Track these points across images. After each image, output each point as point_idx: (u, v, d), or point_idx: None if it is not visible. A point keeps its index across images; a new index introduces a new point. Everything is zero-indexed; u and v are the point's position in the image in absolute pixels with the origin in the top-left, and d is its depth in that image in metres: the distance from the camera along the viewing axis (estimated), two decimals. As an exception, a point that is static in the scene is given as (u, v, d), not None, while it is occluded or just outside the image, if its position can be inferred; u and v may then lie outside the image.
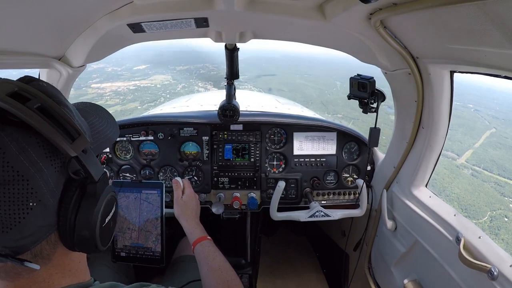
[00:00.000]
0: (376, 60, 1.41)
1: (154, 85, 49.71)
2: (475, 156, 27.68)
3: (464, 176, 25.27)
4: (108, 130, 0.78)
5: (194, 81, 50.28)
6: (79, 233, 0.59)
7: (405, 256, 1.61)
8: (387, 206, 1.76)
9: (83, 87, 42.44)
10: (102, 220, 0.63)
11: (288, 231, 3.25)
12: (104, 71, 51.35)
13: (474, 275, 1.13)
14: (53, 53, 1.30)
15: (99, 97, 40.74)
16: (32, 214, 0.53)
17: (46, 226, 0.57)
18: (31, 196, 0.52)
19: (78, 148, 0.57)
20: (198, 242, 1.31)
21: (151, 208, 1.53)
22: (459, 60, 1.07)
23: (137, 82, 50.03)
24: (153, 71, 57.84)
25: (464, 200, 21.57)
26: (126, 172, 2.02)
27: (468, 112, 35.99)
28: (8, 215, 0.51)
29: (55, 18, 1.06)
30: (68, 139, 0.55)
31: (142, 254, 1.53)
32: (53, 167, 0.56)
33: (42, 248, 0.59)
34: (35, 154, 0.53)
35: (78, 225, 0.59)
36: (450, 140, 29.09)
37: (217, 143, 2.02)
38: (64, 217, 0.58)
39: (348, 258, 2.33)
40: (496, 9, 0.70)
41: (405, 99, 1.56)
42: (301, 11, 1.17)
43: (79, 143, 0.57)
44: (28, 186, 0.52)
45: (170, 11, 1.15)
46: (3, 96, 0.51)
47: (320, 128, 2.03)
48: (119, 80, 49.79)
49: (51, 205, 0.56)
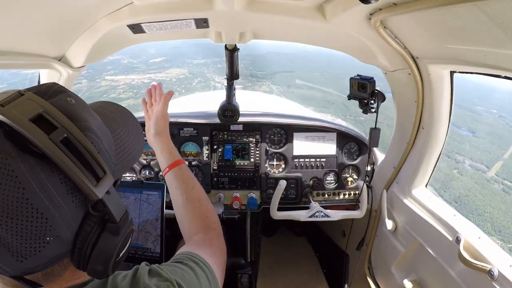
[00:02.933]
0: (376, 60, 1.41)
1: (170, 79, 48.07)
2: (505, 169, 24.72)
3: (496, 192, 22.39)
4: (135, 146, 0.71)
5: (210, 76, 48.52)
6: (93, 266, 0.57)
7: (405, 257, 1.61)
8: (387, 206, 1.76)
9: (97, 79, 41.18)
10: (117, 255, 0.61)
11: (288, 231, 3.25)
12: (119, 63, 49.65)
13: (474, 275, 1.13)
14: (53, 53, 1.30)
15: (112, 90, 39.80)
16: (48, 247, 0.51)
17: (60, 255, 0.55)
18: (49, 233, 0.50)
19: (102, 190, 0.53)
20: (176, 165, 1.12)
21: (151, 209, 1.53)
22: (459, 60, 1.07)
23: (152, 75, 48.41)
24: (169, 64, 56.24)
25: (498, 221, 18.96)
26: (126, 172, 2.02)
27: (493, 118, 33.26)
28: (24, 247, 0.49)
29: (55, 19, 1.06)
30: (93, 180, 0.52)
31: (141, 255, 1.53)
32: (74, 204, 0.53)
33: (54, 269, 0.57)
34: (56, 192, 0.50)
35: (93, 259, 0.57)
36: (479, 149, 27.09)
37: (217, 143, 2.02)
38: (79, 248, 0.56)
39: (348, 258, 2.33)
40: (496, 9, 0.70)
41: (405, 99, 1.56)
42: (301, 12, 1.17)
43: (104, 183, 0.54)
44: (47, 224, 0.50)
45: (170, 12, 1.15)
46: (25, 122, 0.47)
47: (320, 129, 2.03)
48: (133, 72, 48.48)
49: (68, 238, 0.54)
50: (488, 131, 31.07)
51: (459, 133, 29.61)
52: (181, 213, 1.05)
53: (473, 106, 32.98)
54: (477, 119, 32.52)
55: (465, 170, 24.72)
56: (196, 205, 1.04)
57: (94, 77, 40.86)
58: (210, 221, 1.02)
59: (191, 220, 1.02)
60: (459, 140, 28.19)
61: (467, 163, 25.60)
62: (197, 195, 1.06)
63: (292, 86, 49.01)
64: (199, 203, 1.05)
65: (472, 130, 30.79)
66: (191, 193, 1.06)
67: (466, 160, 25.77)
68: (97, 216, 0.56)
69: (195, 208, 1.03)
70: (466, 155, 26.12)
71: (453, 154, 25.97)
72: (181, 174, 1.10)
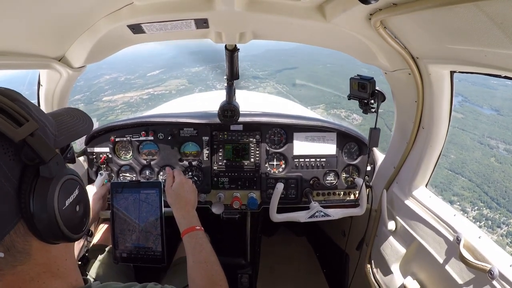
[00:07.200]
0: (376, 60, 1.41)
1: (169, 91, 47.25)
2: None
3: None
4: (78, 125, 0.81)
5: (211, 83, 47.44)
6: (39, 218, 0.60)
7: (405, 256, 1.61)
8: (387, 206, 1.76)
9: (95, 102, 40.66)
10: (60, 203, 0.64)
11: (288, 231, 3.25)
12: (117, 81, 49.28)
13: (474, 275, 1.13)
14: (53, 54, 1.30)
15: (110, 111, 38.95)
16: None
17: (8, 214, 0.58)
18: None
19: (24, 132, 0.58)
20: (186, 232, 1.30)
21: (150, 208, 1.53)
22: (459, 60, 1.07)
23: (150, 90, 47.90)
24: (167, 75, 55.81)
25: None
26: (126, 172, 2.02)
27: (511, 91, 31.30)
28: None
29: (55, 19, 1.06)
30: (14, 125, 0.57)
31: (143, 255, 1.54)
32: (7, 156, 0.57)
33: (13, 240, 0.59)
34: None
35: (36, 210, 0.60)
36: (509, 130, 25.19)
37: (217, 143, 2.02)
38: (24, 204, 0.59)
39: (348, 258, 2.33)
40: (496, 9, 0.70)
41: (405, 99, 1.56)
42: (301, 12, 1.17)
43: (26, 127, 0.59)
44: None
45: (170, 12, 1.15)
46: None
47: (320, 129, 2.03)
48: (131, 89, 47.81)
49: (10, 193, 0.57)
50: (510, 106, 29.02)
51: (483, 113, 27.69)
52: (190, 272, 1.19)
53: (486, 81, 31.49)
54: (496, 95, 30.50)
55: (503, 157, 22.83)
56: (203, 266, 1.19)
57: (91, 99, 40.42)
58: (216, 279, 1.15)
59: (198, 278, 1.15)
60: (485, 121, 26.23)
61: (502, 148, 23.79)
62: (204, 258, 1.21)
63: (298, 84, 48.16)
64: (205, 264, 1.19)
65: (495, 108, 28.82)
66: (198, 256, 1.22)
67: (500, 144, 23.96)
68: (33, 167, 0.61)
69: (202, 268, 1.18)
70: (498, 138, 24.26)
71: (485, 139, 24.18)
72: (190, 241, 1.28)
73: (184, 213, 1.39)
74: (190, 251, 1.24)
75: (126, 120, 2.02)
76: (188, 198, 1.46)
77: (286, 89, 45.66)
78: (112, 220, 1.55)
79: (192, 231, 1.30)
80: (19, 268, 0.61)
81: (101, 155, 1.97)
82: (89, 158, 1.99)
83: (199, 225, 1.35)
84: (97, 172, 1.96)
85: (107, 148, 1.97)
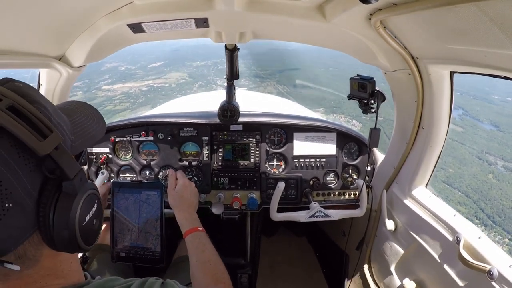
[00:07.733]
0: (376, 60, 1.41)
1: (169, 85, 46.52)
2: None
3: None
4: (93, 128, 0.77)
5: (212, 78, 47.18)
6: (59, 233, 0.59)
7: (405, 257, 1.61)
8: (387, 206, 1.76)
9: (93, 90, 40.24)
10: (81, 219, 0.63)
11: (288, 231, 3.25)
12: (117, 70, 48.59)
13: (473, 276, 1.13)
14: (53, 53, 1.30)
15: (109, 101, 38.75)
16: (9, 216, 0.52)
17: (25, 227, 0.57)
18: (6, 198, 0.52)
19: (49, 146, 0.56)
20: (189, 233, 1.31)
21: (151, 209, 1.53)
22: (459, 61, 1.07)
23: (150, 81, 47.17)
24: (168, 68, 54.81)
25: None
26: (126, 172, 2.02)
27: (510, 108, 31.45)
28: None
29: (55, 18, 1.06)
30: (39, 137, 0.55)
31: (142, 255, 1.53)
32: (28, 167, 0.55)
33: (26, 249, 0.58)
34: (7, 154, 0.52)
35: (57, 225, 0.58)
36: (508, 146, 25.00)
37: (217, 143, 2.02)
38: (43, 217, 0.58)
39: (348, 258, 2.33)
40: (496, 9, 0.70)
41: (405, 99, 1.56)
42: (301, 12, 1.17)
43: (51, 140, 0.56)
44: (1, 188, 0.51)
45: (170, 12, 1.15)
46: None
47: (320, 129, 2.03)
48: (131, 80, 47.17)
49: (29, 205, 0.56)
50: (510, 123, 28.87)
51: (483, 128, 27.60)
52: (193, 271, 1.20)
53: (487, 96, 31.34)
54: (496, 111, 30.46)
55: (501, 174, 22.57)
56: (206, 265, 1.20)
57: (90, 87, 39.82)
58: (220, 277, 1.16)
59: (202, 277, 1.17)
60: (485, 136, 26.13)
61: (500, 164, 23.61)
62: (208, 257, 1.22)
63: (298, 86, 47.84)
64: (209, 263, 1.20)
65: (495, 123, 28.81)
66: (201, 256, 1.23)
67: (498, 161, 23.82)
68: (54, 180, 0.59)
69: (205, 267, 1.19)
70: (497, 155, 24.18)
71: (484, 155, 24.00)
72: (192, 241, 1.29)
73: (187, 215, 1.40)
74: (193, 251, 1.25)
75: (126, 120, 2.02)
76: (191, 201, 1.47)
77: (287, 90, 45.43)
78: (112, 220, 1.55)
79: (195, 231, 1.31)
80: (25, 273, 0.60)
81: (101, 155, 1.97)
82: (89, 158, 1.99)
83: (201, 226, 1.36)
84: (97, 172, 1.96)
85: (107, 148, 1.97)
